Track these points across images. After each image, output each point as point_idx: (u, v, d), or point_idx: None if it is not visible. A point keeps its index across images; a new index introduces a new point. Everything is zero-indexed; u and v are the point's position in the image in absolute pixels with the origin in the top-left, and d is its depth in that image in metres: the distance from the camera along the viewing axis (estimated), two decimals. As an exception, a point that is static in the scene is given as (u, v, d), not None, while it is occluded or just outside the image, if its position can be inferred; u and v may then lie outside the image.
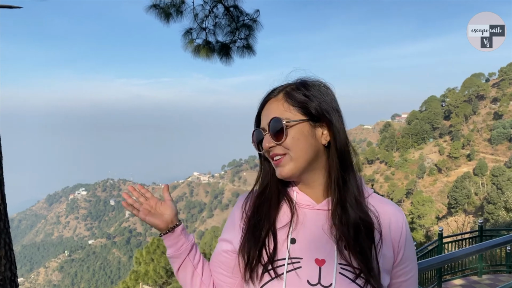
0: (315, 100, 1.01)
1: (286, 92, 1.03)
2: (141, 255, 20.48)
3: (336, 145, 1.01)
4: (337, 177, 1.01)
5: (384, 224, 1.03)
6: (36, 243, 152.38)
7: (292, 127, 0.99)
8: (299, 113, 1.00)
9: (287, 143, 0.99)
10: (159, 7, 5.08)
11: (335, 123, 1.01)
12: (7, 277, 3.99)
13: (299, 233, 1.01)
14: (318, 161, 1.02)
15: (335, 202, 1.00)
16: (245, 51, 5.46)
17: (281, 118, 1.00)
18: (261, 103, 1.08)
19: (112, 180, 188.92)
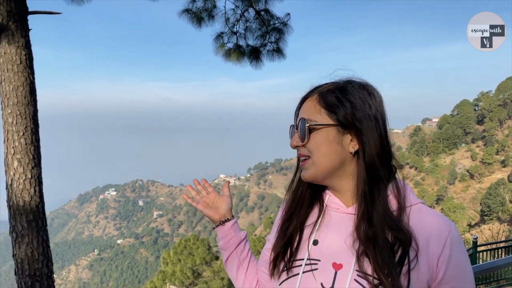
0: (348, 105, 0.94)
1: (321, 92, 0.99)
2: (169, 256, 20.76)
3: (364, 155, 0.94)
4: (363, 189, 0.94)
5: (421, 238, 0.91)
6: (68, 241, 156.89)
7: (318, 131, 0.96)
8: (328, 117, 0.95)
9: (310, 146, 0.98)
10: (191, 11, 5.17)
11: (366, 133, 0.93)
12: (44, 273, 4.14)
13: (323, 235, 1.01)
14: (345, 168, 0.97)
15: (360, 215, 0.94)
16: (275, 54, 5.48)
17: (308, 119, 0.98)
18: (300, 99, 1.04)
19: (141, 181, 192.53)
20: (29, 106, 3.92)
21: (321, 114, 0.96)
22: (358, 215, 0.95)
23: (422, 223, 0.93)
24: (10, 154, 3.86)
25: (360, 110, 0.94)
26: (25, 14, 3.96)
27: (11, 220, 3.98)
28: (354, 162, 0.97)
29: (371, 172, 0.94)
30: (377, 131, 0.95)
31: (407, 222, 0.92)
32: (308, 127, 0.97)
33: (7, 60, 3.83)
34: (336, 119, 0.95)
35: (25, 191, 3.89)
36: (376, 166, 0.94)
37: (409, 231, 0.91)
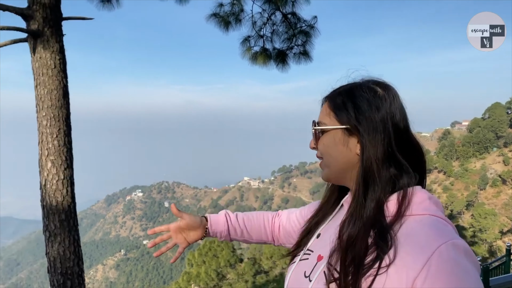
0: (351, 107, 0.94)
1: (331, 95, 1.01)
2: (193, 257, 20.93)
3: (362, 158, 0.92)
4: (356, 190, 0.93)
5: (403, 250, 0.82)
6: (95, 241, 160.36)
7: (326, 133, 0.98)
8: (335, 119, 0.96)
9: (320, 148, 1.02)
10: (219, 16, 5.23)
11: (366, 135, 0.91)
12: (75, 272, 4.25)
13: (325, 230, 1.07)
14: (354, 170, 0.96)
15: (349, 214, 0.94)
16: (302, 57, 5.46)
17: (319, 122, 1.00)
18: (322, 101, 1.05)
19: (167, 182, 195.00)
20: (62, 109, 4.04)
21: (330, 116, 0.98)
22: (347, 215, 0.95)
23: (410, 234, 0.85)
24: (44, 155, 3.99)
25: (363, 112, 0.92)
26: (59, 20, 4.09)
27: (45, 219, 4.10)
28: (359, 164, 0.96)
29: (366, 174, 0.91)
30: (382, 134, 0.91)
31: (396, 231, 0.86)
32: (315, 129, 1.01)
33: (42, 64, 3.96)
34: (340, 121, 0.95)
35: (58, 192, 4.01)
36: (373, 169, 0.90)
37: (391, 238, 0.85)
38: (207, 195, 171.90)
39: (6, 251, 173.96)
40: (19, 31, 3.94)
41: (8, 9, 3.94)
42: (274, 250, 25.13)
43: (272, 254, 24.48)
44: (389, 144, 0.91)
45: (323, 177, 1.05)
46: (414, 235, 0.84)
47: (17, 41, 4.03)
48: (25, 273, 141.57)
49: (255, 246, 69.30)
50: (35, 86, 4.02)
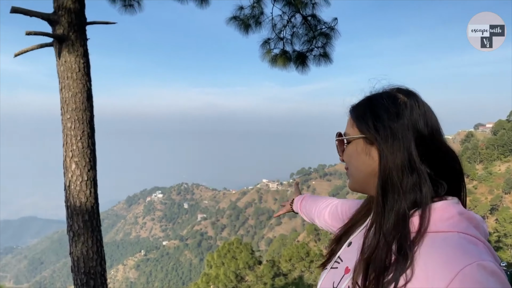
0: (370, 116, 0.93)
1: (354, 105, 1.01)
2: (212, 259, 21.04)
3: (380, 167, 0.90)
4: (375, 200, 0.91)
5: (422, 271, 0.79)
6: (116, 241, 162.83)
7: (350, 143, 0.99)
8: (357, 129, 0.96)
9: (344, 158, 1.02)
10: (239, 19, 5.25)
11: (383, 144, 0.89)
12: (97, 272, 4.32)
13: (356, 239, 1.05)
14: (375, 179, 0.93)
15: (369, 225, 0.94)
16: (322, 59, 5.44)
17: (344, 133, 1.01)
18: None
19: (186, 184, 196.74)
20: (86, 112, 4.12)
21: (353, 126, 0.98)
22: (369, 224, 0.95)
23: (432, 254, 0.79)
24: (68, 157, 4.08)
25: (381, 121, 0.90)
26: (84, 25, 4.18)
27: (69, 219, 4.18)
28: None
29: (384, 183, 0.89)
30: (401, 141, 0.88)
31: (418, 249, 0.82)
32: (339, 139, 1.02)
33: (67, 68, 4.05)
34: (361, 130, 0.95)
35: (81, 193, 4.08)
36: (391, 178, 0.87)
37: (410, 256, 0.81)
38: (226, 197, 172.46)
39: (31, 250, 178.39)
40: (45, 36, 4.04)
41: (35, 14, 4.05)
42: (293, 252, 25.01)
43: (291, 257, 24.38)
44: (409, 152, 0.87)
45: (349, 186, 1.05)
46: (436, 255, 0.79)
47: (43, 45, 4.13)
48: (48, 271, 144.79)
49: (274, 248, 68.99)
50: (60, 89, 4.12)
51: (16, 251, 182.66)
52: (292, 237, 69.94)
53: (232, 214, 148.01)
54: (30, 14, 4.01)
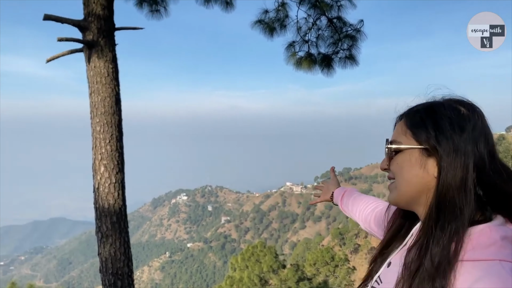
0: (431, 127, 0.85)
1: (408, 113, 0.92)
2: (236, 262, 21.07)
3: (438, 182, 0.83)
4: (427, 217, 0.85)
5: None
6: (142, 242, 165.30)
7: (401, 153, 0.89)
8: (412, 139, 0.88)
9: (393, 168, 0.92)
10: (264, 22, 5.27)
11: (446, 158, 0.82)
12: (125, 273, 4.39)
13: (397, 260, 0.96)
14: (429, 195, 0.87)
15: (414, 243, 0.87)
16: (348, 61, 5.38)
17: (394, 141, 0.92)
18: (396, 118, 0.97)
19: (210, 187, 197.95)
20: (115, 116, 4.21)
21: (406, 135, 0.89)
22: (413, 243, 0.87)
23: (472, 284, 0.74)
24: (97, 160, 4.17)
25: (445, 133, 0.84)
26: (112, 30, 4.28)
27: (97, 221, 4.28)
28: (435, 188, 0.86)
29: (441, 200, 0.82)
30: (463, 157, 0.82)
31: (458, 276, 0.76)
32: (389, 148, 0.92)
33: (96, 73, 4.16)
34: (418, 140, 0.87)
35: (110, 195, 4.17)
36: (449, 195, 0.81)
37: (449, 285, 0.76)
38: (249, 199, 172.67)
39: (59, 250, 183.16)
40: (76, 42, 4.16)
41: (66, 21, 4.17)
42: (318, 257, 24.80)
43: (316, 261, 24.20)
44: (468, 170, 0.81)
45: (392, 200, 0.95)
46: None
47: (74, 51, 4.25)
48: (76, 272, 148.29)
49: (298, 252, 68.44)
50: (89, 94, 4.22)
51: (45, 251, 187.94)
52: (317, 241, 69.29)
53: (256, 217, 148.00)
54: (62, 21, 4.14)
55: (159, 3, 5.64)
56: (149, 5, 5.62)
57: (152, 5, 5.62)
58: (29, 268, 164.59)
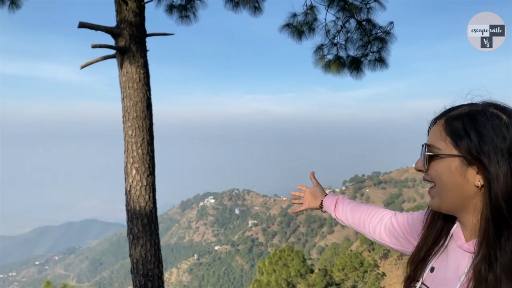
0: (474, 136, 0.84)
1: (448, 118, 0.90)
2: (264, 265, 21.04)
3: (490, 192, 0.82)
4: (485, 228, 0.84)
5: None
6: (170, 245, 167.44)
7: (440, 159, 0.89)
8: (452, 146, 0.87)
9: (431, 174, 0.92)
10: (292, 26, 5.27)
11: (493, 169, 0.81)
12: (155, 274, 4.47)
13: (439, 264, 0.98)
14: (471, 202, 0.88)
15: (481, 255, 0.85)
16: (377, 64, 5.31)
17: (432, 146, 0.91)
18: (431, 121, 0.97)
19: (237, 190, 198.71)
20: (146, 120, 4.30)
21: (446, 142, 0.88)
22: (478, 254, 0.86)
23: None
24: (129, 163, 4.27)
25: (488, 143, 0.82)
26: (144, 37, 4.38)
27: (129, 223, 4.37)
28: (479, 196, 0.87)
29: (497, 211, 0.82)
30: (507, 167, 0.81)
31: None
32: (428, 154, 0.91)
33: (129, 78, 4.26)
34: (459, 149, 0.86)
35: (141, 197, 4.26)
36: (503, 206, 0.81)
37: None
38: (276, 203, 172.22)
39: (91, 251, 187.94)
40: (109, 48, 4.28)
41: (100, 28, 4.30)
42: (346, 262, 24.45)
43: (344, 266, 23.87)
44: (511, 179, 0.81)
45: (433, 206, 0.97)
46: None
47: (107, 57, 4.38)
48: (107, 272, 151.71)
49: (326, 257, 67.69)
50: (122, 99, 4.33)
51: (78, 252, 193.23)
52: (345, 246, 68.32)
53: (283, 221, 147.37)
54: (96, 28, 4.27)
55: (188, 9, 5.74)
56: (179, 11, 5.73)
57: (181, 11, 5.73)
58: (62, 268, 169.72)
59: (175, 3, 5.70)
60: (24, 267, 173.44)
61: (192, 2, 5.73)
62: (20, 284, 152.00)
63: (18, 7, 5.71)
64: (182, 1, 5.73)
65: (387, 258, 45.21)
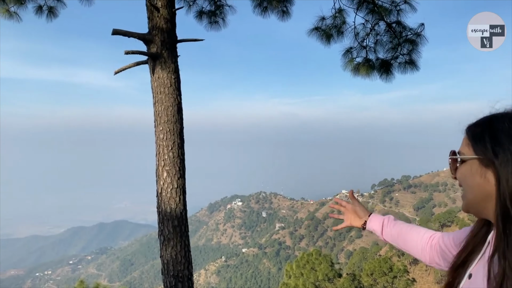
0: (488, 139, 0.92)
1: (470, 125, 1.00)
2: (291, 269, 20.96)
3: (498, 192, 0.89)
4: (496, 225, 0.91)
5: None
6: (199, 246, 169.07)
7: (464, 163, 0.98)
8: (473, 150, 0.95)
9: (458, 177, 1.02)
10: (320, 29, 5.27)
11: (502, 169, 0.88)
12: (185, 275, 4.54)
13: (477, 271, 1.01)
14: (492, 203, 0.93)
15: (492, 252, 0.93)
16: (408, 66, 5.23)
17: (458, 152, 1.01)
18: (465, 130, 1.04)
19: (264, 193, 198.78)
20: (177, 124, 4.40)
21: (468, 146, 0.98)
22: (493, 251, 0.93)
23: None
24: (160, 166, 4.37)
25: (501, 144, 0.90)
26: (175, 43, 4.48)
27: (160, 224, 4.47)
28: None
29: (504, 209, 0.88)
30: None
31: None
32: (452, 158, 1.02)
33: (160, 83, 4.37)
34: (477, 152, 0.95)
35: (172, 199, 4.35)
36: (509, 204, 0.87)
37: None
38: (304, 207, 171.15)
39: (122, 251, 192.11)
40: (141, 54, 4.40)
41: (133, 35, 4.43)
42: (375, 267, 24.04)
43: (373, 271, 23.46)
44: None
45: (463, 207, 1.05)
46: None
47: (139, 63, 4.51)
48: (137, 272, 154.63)
49: (354, 261, 66.68)
50: (153, 103, 4.45)
51: (110, 252, 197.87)
52: (374, 251, 67.14)
53: (311, 225, 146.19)
54: (128, 35, 4.40)
55: (217, 15, 5.84)
56: (208, 17, 5.83)
57: (211, 17, 5.83)
58: (94, 268, 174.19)
59: (205, 9, 5.80)
60: (59, 266, 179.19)
61: (221, 8, 5.82)
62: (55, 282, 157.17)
63: (56, 16, 5.96)
64: (211, 7, 5.83)
65: (417, 263, 44.13)
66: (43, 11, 5.78)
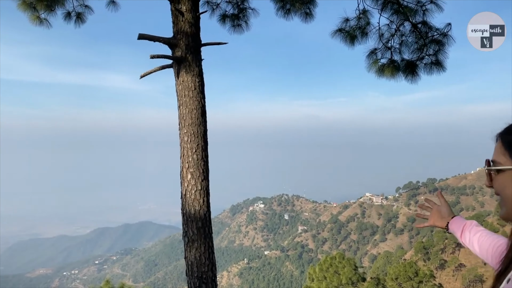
0: None
1: (503, 133, 0.98)
2: (314, 272, 20.80)
3: None
4: None
5: None
6: (221, 248, 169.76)
7: (502, 172, 0.96)
8: (510, 159, 0.93)
9: (496, 187, 0.99)
10: (344, 31, 5.22)
11: None
12: (209, 277, 4.57)
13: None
14: None
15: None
16: (434, 67, 5.12)
17: (493, 161, 0.98)
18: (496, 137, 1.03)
19: (286, 195, 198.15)
20: (201, 126, 4.45)
21: (505, 155, 0.95)
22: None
23: None
24: (185, 168, 4.43)
25: None
26: (199, 46, 4.54)
27: (184, 226, 4.52)
28: None
29: None
30: None
31: None
32: (488, 168, 1.00)
33: (185, 87, 4.43)
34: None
35: (196, 201, 4.39)
36: None
37: None
38: (327, 210, 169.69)
39: (147, 252, 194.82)
40: (166, 58, 4.47)
41: (158, 39, 4.51)
42: (400, 271, 23.59)
43: (398, 276, 23.04)
44: None
45: (501, 216, 1.04)
46: None
47: (164, 67, 4.58)
48: (161, 273, 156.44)
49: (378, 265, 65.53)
50: (178, 106, 4.51)
51: (134, 253, 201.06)
52: (398, 255, 65.90)
53: (334, 228, 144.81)
54: (154, 39, 4.48)
55: (240, 18, 5.87)
56: (231, 20, 5.87)
57: (234, 20, 5.87)
58: (119, 268, 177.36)
59: (228, 12, 5.85)
60: (85, 265, 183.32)
61: (244, 11, 5.85)
62: (81, 281, 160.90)
63: (83, 22, 6.12)
64: (234, 11, 5.86)
65: (444, 268, 43.10)
66: (71, 17, 5.94)
